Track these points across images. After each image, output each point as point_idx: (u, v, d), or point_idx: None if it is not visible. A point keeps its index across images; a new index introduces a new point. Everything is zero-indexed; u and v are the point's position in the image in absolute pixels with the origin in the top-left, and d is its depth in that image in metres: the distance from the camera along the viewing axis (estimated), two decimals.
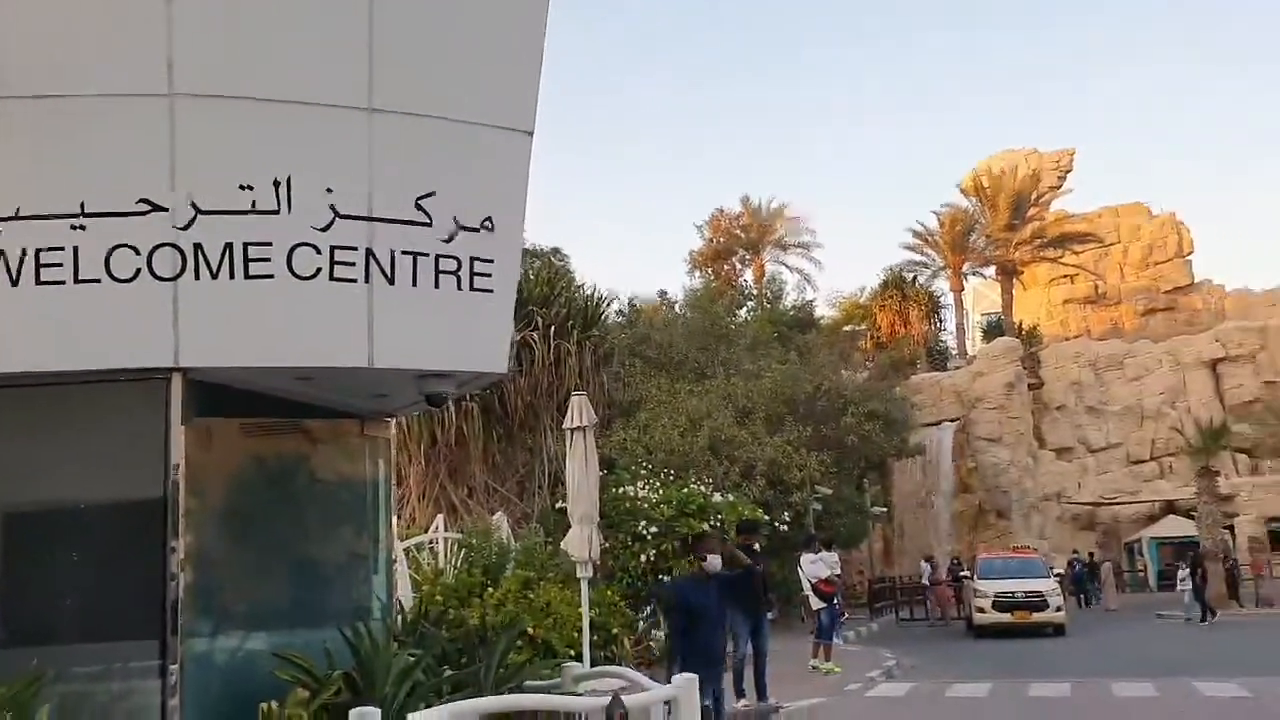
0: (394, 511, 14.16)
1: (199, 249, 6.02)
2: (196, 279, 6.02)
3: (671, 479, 22.61)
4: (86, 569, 6.26)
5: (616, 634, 16.62)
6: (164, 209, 6.00)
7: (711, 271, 54.87)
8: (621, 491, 21.10)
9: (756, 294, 50.58)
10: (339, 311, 6.19)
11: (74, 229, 5.90)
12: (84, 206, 5.91)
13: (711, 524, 20.21)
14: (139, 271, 5.97)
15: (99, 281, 5.90)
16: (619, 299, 38.06)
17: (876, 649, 22.15)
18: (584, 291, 28.28)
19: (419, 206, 6.35)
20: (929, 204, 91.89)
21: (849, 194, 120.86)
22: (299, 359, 6.27)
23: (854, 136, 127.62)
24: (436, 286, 6.35)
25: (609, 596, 17.40)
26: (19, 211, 5.89)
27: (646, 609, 19.82)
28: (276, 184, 6.16)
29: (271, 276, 6.12)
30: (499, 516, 20.37)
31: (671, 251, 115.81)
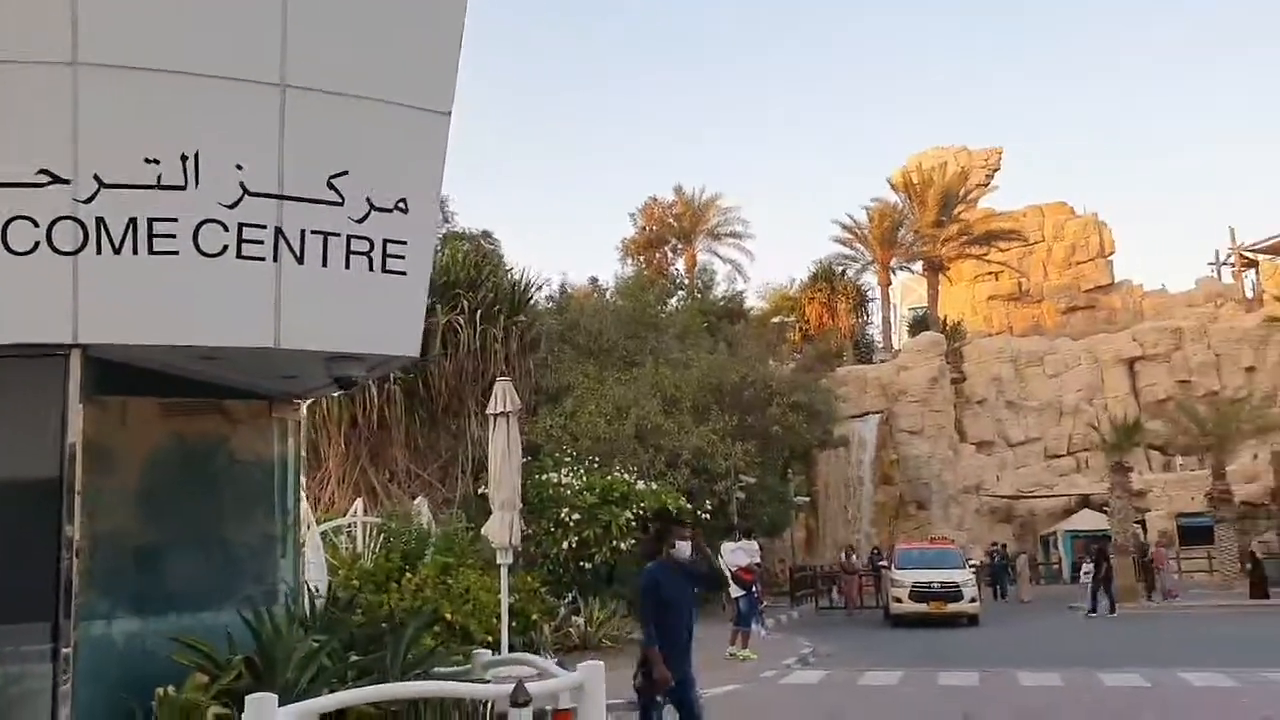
0: (310, 494, 14.01)
1: (101, 223, 5.87)
2: (98, 254, 5.86)
3: (596, 466, 22.65)
4: None
5: (536, 620, 16.65)
6: (65, 181, 5.84)
7: (644, 260, 54.93)
8: (545, 478, 21.10)
9: (688, 283, 50.79)
10: (245, 290, 6.08)
11: None
12: None
13: (635, 512, 20.33)
14: (38, 244, 5.80)
15: None
16: (549, 284, 37.98)
17: (794, 637, 22.40)
18: (512, 276, 28.11)
19: (331, 186, 6.25)
20: (861, 198, 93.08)
21: (783, 187, 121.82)
22: (203, 338, 6.14)
23: (790, 129, 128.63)
24: (347, 267, 6.26)
25: (529, 583, 17.42)
26: None
27: (569, 595, 19.87)
28: (184, 158, 6.02)
29: (176, 253, 5.99)
30: (420, 501, 20.22)
31: (606, 239, 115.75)
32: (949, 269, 58.09)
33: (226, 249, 6.03)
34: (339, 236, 6.24)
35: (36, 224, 5.78)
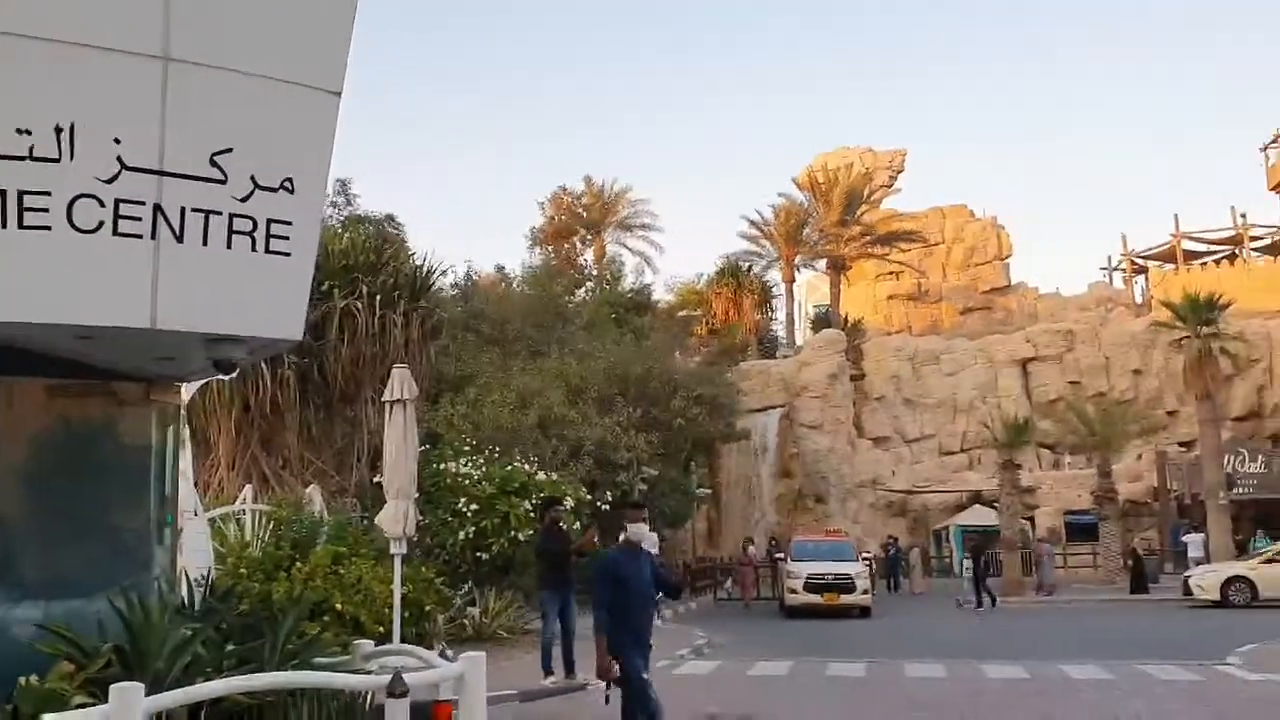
0: (194, 481, 13.65)
1: None
2: None
3: (497, 457, 22.51)
4: None
5: (430, 611, 16.48)
6: None
7: (552, 249, 54.73)
8: (443, 468, 20.88)
9: (596, 274, 50.77)
10: (121, 268, 5.86)
11: None
12: None
13: (533, 502, 20.24)
14: None
15: None
16: (454, 272, 37.61)
17: (690, 628, 22.59)
18: (415, 261, 27.69)
19: (214, 163, 6.06)
20: (770, 196, 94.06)
21: (695, 183, 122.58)
22: (76, 316, 5.91)
23: (703, 126, 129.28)
24: (229, 247, 6.08)
25: (424, 573, 17.24)
26: None
27: (464, 586, 19.72)
28: (58, 130, 5.77)
29: (49, 228, 5.75)
30: (312, 489, 19.83)
31: (516, 229, 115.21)
32: (851, 268, 59.07)
33: (102, 225, 5.80)
34: (221, 215, 6.05)
35: None
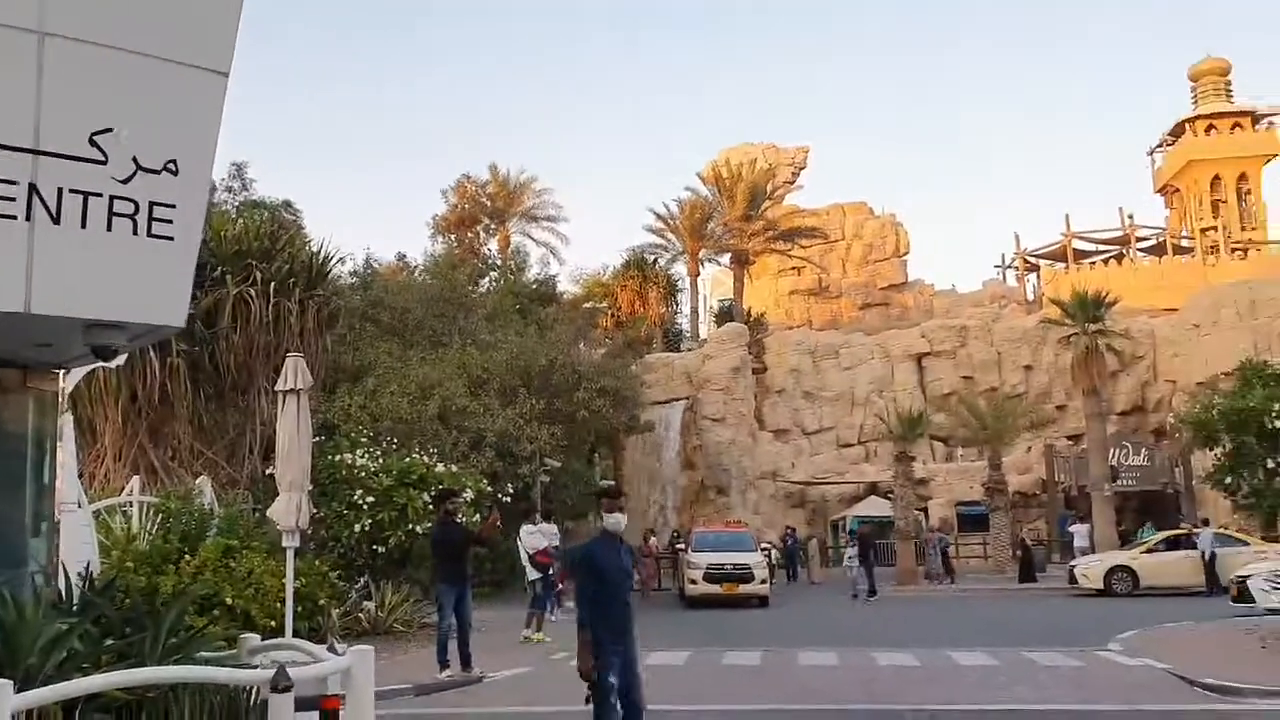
0: (78, 472, 13.18)
1: None
2: None
3: (395, 448, 22.23)
4: None
5: (323, 605, 16.22)
6: None
7: (455, 238, 54.16)
8: (339, 459, 20.55)
9: (500, 264, 50.39)
10: None
11: None
12: None
13: (431, 494, 20.03)
14: None
15: None
16: (353, 259, 36.98)
17: None
18: (311, 248, 27.11)
19: (93, 143, 5.86)
20: (676, 191, 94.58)
21: (603, 176, 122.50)
22: None
23: (611, 120, 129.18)
24: (109, 230, 5.88)
25: (318, 567, 16.95)
26: None
27: (360, 579, 19.46)
28: None
29: None
30: (202, 480, 19.31)
31: (419, 218, 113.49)
32: (755, 263, 59.70)
33: None
34: (101, 197, 5.85)
35: None
